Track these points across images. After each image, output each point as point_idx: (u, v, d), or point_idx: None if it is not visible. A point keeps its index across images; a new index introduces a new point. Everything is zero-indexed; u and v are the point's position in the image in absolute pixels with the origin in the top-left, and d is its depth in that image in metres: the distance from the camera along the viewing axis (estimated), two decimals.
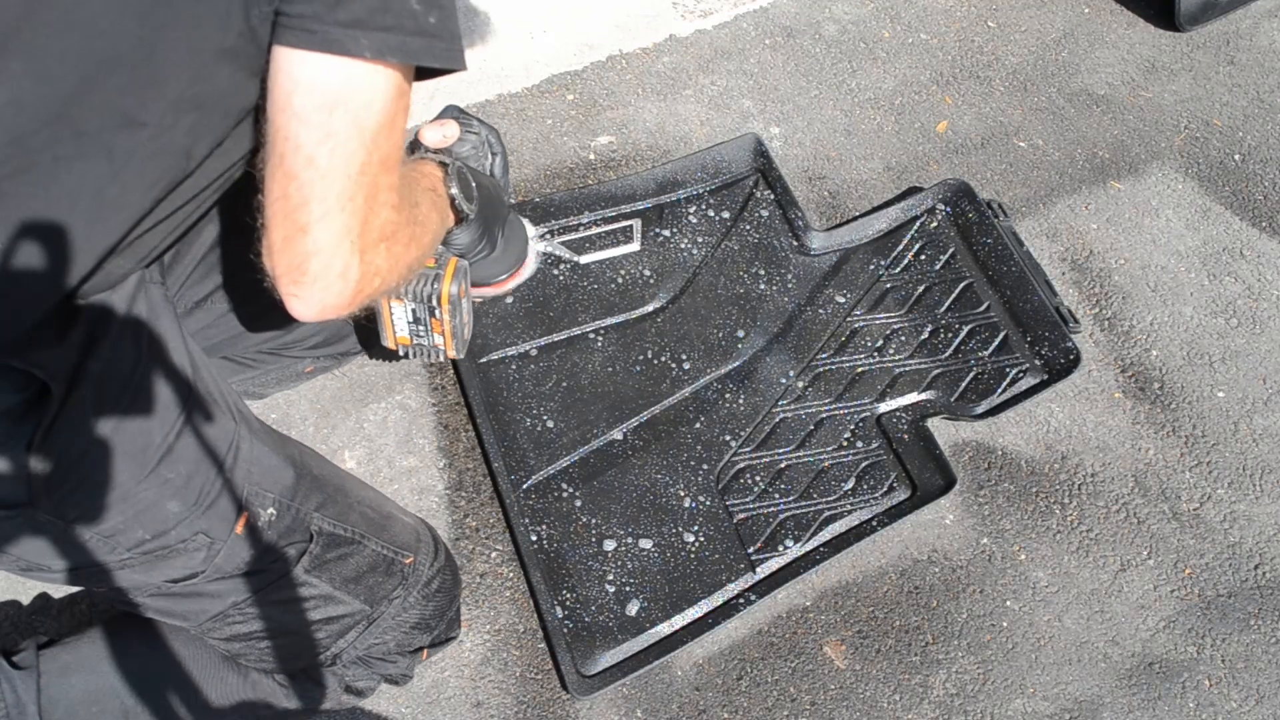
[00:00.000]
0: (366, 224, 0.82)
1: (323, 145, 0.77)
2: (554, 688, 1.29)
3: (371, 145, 0.79)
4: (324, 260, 0.80)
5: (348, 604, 1.10)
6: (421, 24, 0.78)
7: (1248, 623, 1.37)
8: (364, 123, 0.78)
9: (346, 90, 0.77)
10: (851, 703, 1.30)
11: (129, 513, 0.90)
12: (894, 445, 1.43)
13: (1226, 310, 1.62)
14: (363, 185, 0.80)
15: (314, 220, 0.79)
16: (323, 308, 0.83)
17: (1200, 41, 1.95)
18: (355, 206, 0.80)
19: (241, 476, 0.98)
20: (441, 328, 1.13)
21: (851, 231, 1.60)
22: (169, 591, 0.99)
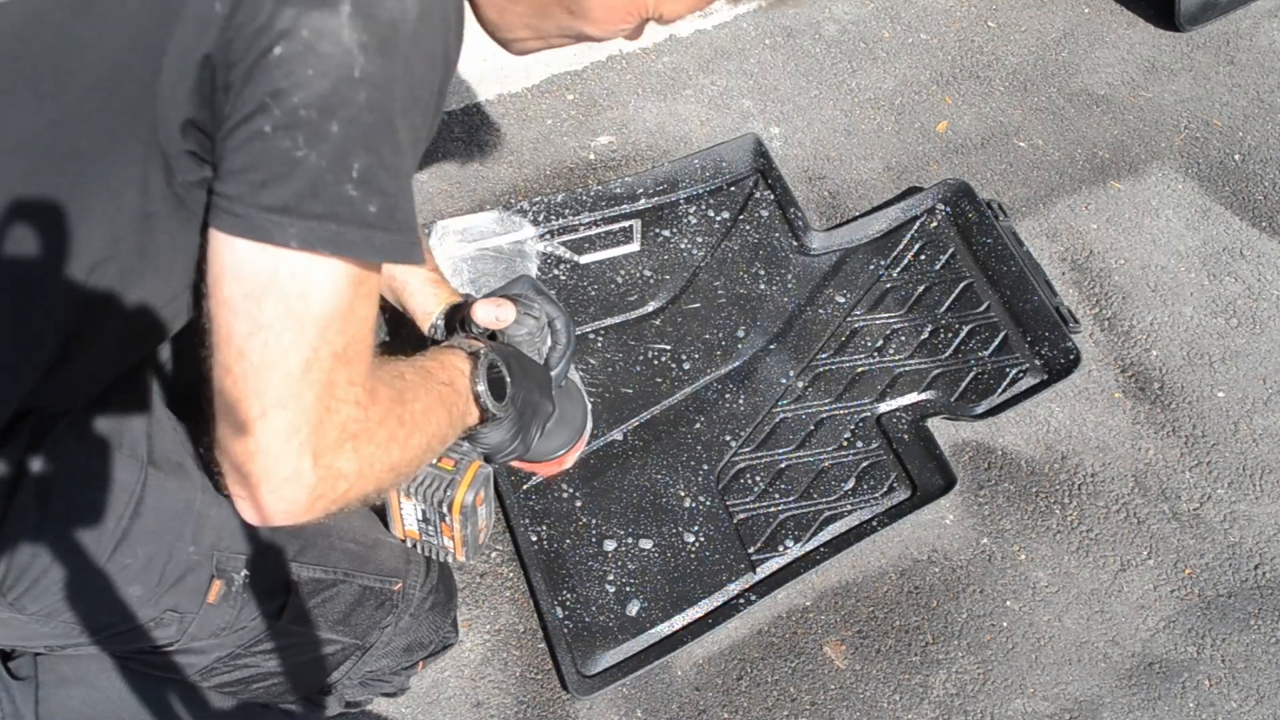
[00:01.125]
0: (320, 423, 0.72)
1: (254, 338, 0.69)
2: (554, 688, 1.29)
3: (317, 339, 0.70)
4: (267, 463, 0.72)
5: (337, 642, 1.06)
6: (359, 213, 0.70)
7: (1248, 623, 1.37)
8: (301, 315, 0.70)
9: (276, 280, 0.69)
10: (851, 703, 1.30)
11: (90, 603, 0.86)
12: (894, 445, 1.43)
13: (1226, 310, 1.62)
14: (310, 382, 0.71)
15: (253, 418, 0.71)
16: (272, 514, 0.74)
17: (1200, 41, 1.95)
18: (302, 405, 0.71)
19: (209, 544, 0.91)
20: (452, 534, 1.05)
21: (851, 231, 1.60)
22: (148, 659, 0.96)
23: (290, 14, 0.66)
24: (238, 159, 0.69)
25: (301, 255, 0.69)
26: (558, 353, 1.15)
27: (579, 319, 1.51)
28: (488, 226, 1.56)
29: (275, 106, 0.67)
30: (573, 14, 0.85)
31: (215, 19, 0.68)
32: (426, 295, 1.17)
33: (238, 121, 0.69)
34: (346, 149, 0.69)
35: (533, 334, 1.11)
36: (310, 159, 0.68)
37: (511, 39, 0.92)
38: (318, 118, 0.67)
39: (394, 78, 0.70)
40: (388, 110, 0.70)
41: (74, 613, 0.86)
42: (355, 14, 0.67)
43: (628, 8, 0.85)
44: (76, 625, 0.88)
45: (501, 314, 1.08)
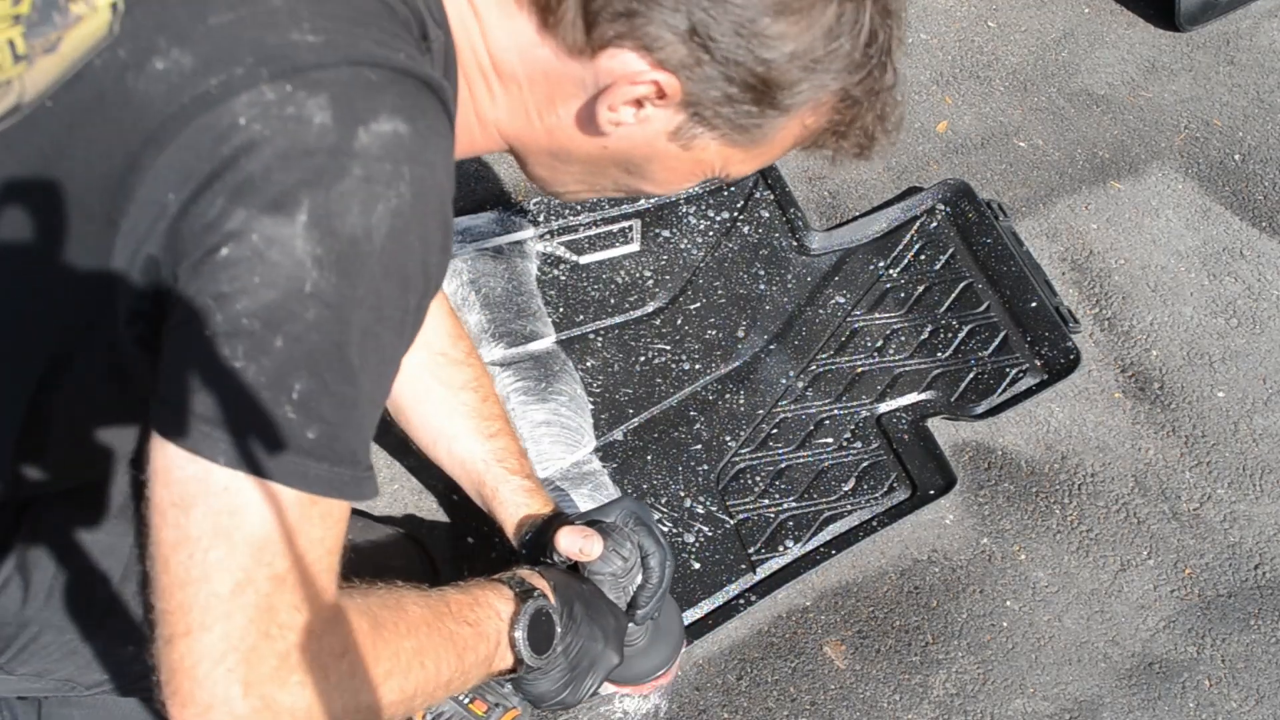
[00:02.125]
0: (254, 651, 0.65)
1: (180, 549, 0.63)
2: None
3: (249, 561, 0.64)
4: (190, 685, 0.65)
5: None
6: (295, 437, 0.63)
7: (1248, 623, 1.37)
8: (231, 533, 0.63)
9: (205, 493, 0.63)
10: (851, 703, 1.30)
11: (80, 663, 0.84)
12: (894, 445, 1.43)
13: (1226, 310, 1.62)
14: (241, 605, 0.64)
15: (177, 634, 0.64)
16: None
17: (1200, 41, 1.95)
18: (228, 629, 0.64)
19: None
20: None
21: (851, 231, 1.60)
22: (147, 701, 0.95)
23: (241, 215, 0.61)
24: (177, 360, 0.64)
25: (232, 473, 0.63)
26: (646, 593, 1.06)
27: (579, 319, 1.51)
28: (488, 227, 1.56)
29: (218, 311, 0.62)
30: (631, 175, 0.81)
31: (166, 211, 0.63)
32: (516, 506, 1.11)
33: (180, 321, 0.63)
34: (288, 368, 0.62)
35: (618, 574, 1.02)
36: (249, 372, 0.62)
37: (563, 191, 0.87)
38: (261, 329, 0.61)
39: (352, 299, 0.63)
40: (339, 333, 0.63)
41: (64, 674, 0.84)
42: (312, 225, 0.61)
43: (691, 169, 0.80)
44: (68, 683, 0.86)
45: (587, 547, 1.00)
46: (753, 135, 0.75)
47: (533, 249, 1.56)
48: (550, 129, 0.77)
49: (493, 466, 1.11)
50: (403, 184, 0.63)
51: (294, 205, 0.61)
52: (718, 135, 0.75)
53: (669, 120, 0.74)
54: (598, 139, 0.76)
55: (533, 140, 0.79)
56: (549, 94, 0.75)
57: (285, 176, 0.61)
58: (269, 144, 0.61)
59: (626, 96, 0.71)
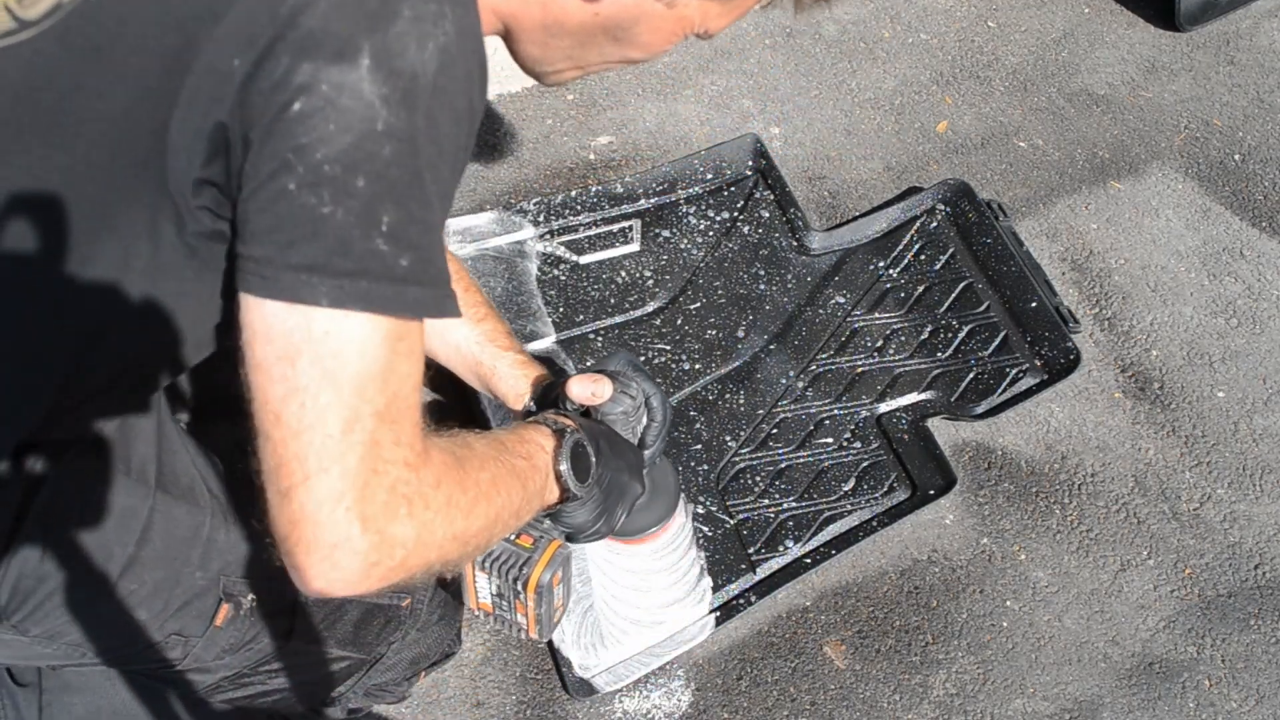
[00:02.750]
0: (367, 486, 0.70)
1: (290, 401, 0.67)
2: (554, 688, 1.29)
3: (356, 398, 0.68)
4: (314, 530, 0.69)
5: (345, 659, 1.05)
6: (390, 267, 0.68)
7: (1248, 623, 1.37)
8: (337, 374, 0.67)
9: (309, 340, 0.67)
10: (851, 703, 1.30)
11: (94, 626, 0.85)
12: (894, 445, 1.43)
13: (1226, 310, 1.62)
14: (352, 444, 0.69)
15: (295, 484, 0.69)
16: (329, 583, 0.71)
17: (1200, 41, 1.95)
18: (344, 468, 0.68)
19: (216, 569, 0.90)
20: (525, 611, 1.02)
21: (851, 231, 1.60)
22: (153, 674, 0.95)
23: (308, 69, 0.65)
24: (262, 220, 0.68)
25: (334, 313, 0.67)
26: (653, 432, 1.11)
27: (579, 319, 1.51)
28: (488, 227, 1.56)
29: (298, 163, 0.66)
30: (619, 41, 0.84)
31: (233, 76, 0.67)
32: (516, 377, 1.14)
33: (261, 181, 0.67)
34: (374, 204, 0.67)
35: (628, 413, 1.07)
36: (337, 215, 0.66)
37: (550, 71, 0.89)
38: (342, 173, 0.66)
39: (418, 130, 0.68)
40: (414, 164, 0.68)
41: (78, 635, 0.85)
42: (375, 67, 0.66)
43: (674, 28, 0.84)
44: (80, 648, 0.87)
45: (598, 390, 1.05)
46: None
47: (533, 249, 1.56)
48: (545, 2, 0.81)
49: (486, 347, 1.15)
50: (447, 22, 0.69)
51: (356, 51, 0.66)
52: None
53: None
54: (591, 5, 0.80)
55: (526, 15, 0.82)
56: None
57: (343, 25, 0.66)
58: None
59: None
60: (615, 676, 1.25)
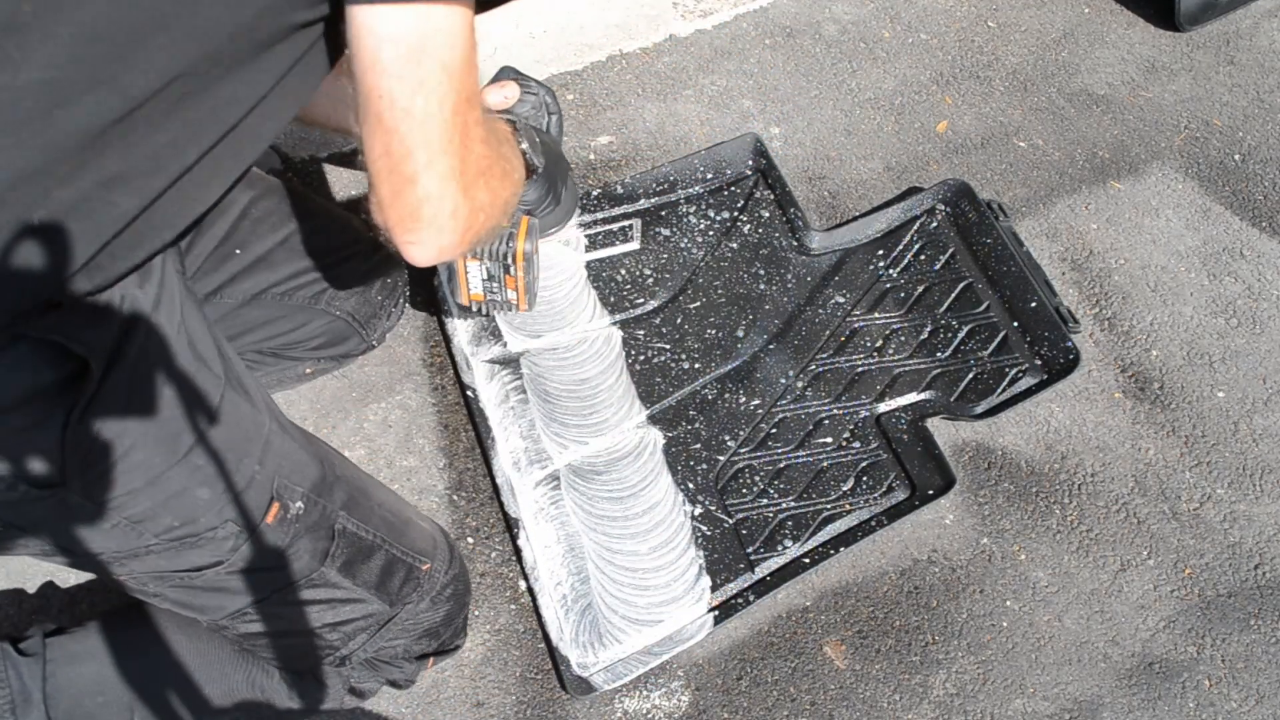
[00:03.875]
0: (464, 162, 0.84)
1: (417, 94, 0.79)
2: (554, 688, 1.29)
3: (459, 84, 0.81)
4: (434, 205, 0.84)
5: (363, 606, 1.08)
6: None
7: (1248, 623, 1.37)
8: (449, 63, 0.79)
9: (429, 35, 0.78)
10: (851, 703, 1.30)
11: (159, 498, 0.89)
12: (893, 445, 1.43)
13: (1226, 310, 1.62)
14: (457, 125, 0.82)
15: (420, 168, 0.82)
16: (439, 249, 0.87)
17: (1200, 41, 1.95)
18: (454, 147, 0.83)
19: (272, 468, 0.97)
20: (515, 284, 1.18)
21: (851, 231, 1.60)
22: (190, 583, 0.97)
23: None
24: None
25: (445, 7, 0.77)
26: (555, 123, 1.25)
27: (579, 319, 1.51)
28: None
29: None
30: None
31: None
32: None
33: None
34: None
35: (535, 109, 1.22)
36: None
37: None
38: None
39: None
40: None
41: (141, 507, 0.88)
42: None
43: None
44: (137, 527, 0.89)
45: (508, 92, 1.19)
46: None
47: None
48: None
49: None
50: None
51: None
52: None
53: None
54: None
55: None
56: None
57: None
58: None
59: None
60: (613, 675, 1.25)
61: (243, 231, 1.23)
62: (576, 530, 1.35)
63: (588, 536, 1.34)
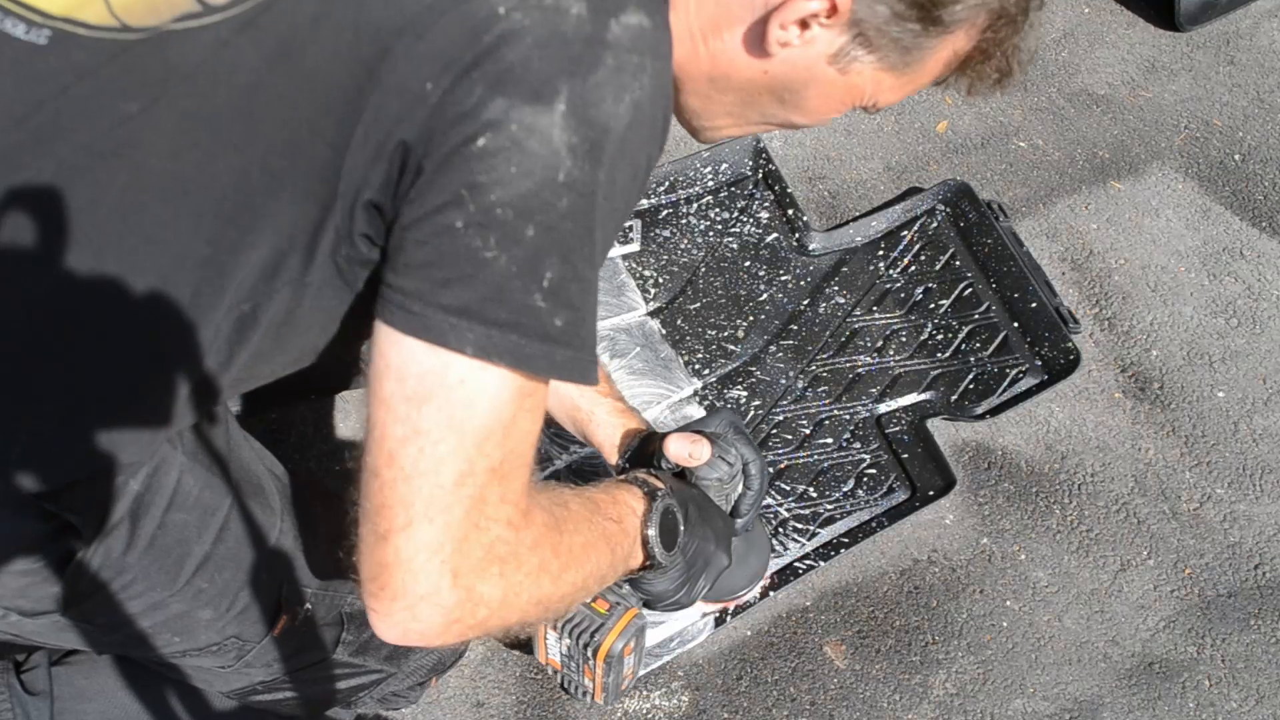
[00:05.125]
0: (465, 542, 0.68)
1: (409, 444, 0.65)
2: (554, 688, 1.29)
3: (474, 452, 0.66)
4: (404, 577, 0.67)
5: (371, 674, 1.05)
6: (544, 325, 0.65)
7: (1248, 623, 1.37)
8: (463, 425, 0.65)
9: (442, 385, 0.64)
10: (851, 703, 1.30)
11: (159, 620, 0.85)
12: (894, 445, 1.43)
13: (1226, 310, 1.62)
14: (460, 497, 0.67)
15: (395, 528, 0.67)
16: (405, 631, 0.70)
17: (1200, 41, 1.95)
18: (447, 520, 0.67)
19: (280, 576, 0.90)
20: (593, 676, 1.01)
21: (851, 231, 1.60)
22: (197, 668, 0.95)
23: (501, 105, 0.62)
24: (420, 253, 0.65)
25: (474, 363, 0.64)
26: (748, 500, 1.08)
27: None
28: None
29: (470, 201, 0.62)
30: (784, 104, 0.81)
31: (425, 99, 0.63)
32: (613, 426, 1.11)
33: (426, 212, 0.64)
34: (540, 256, 0.64)
35: (723, 479, 1.03)
36: (500, 262, 0.63)
37: (708, 126, 0.86)
38: (514, 219, 0.62)
39: (598, 185, 0.64)
40: (588, 220, 0.65)
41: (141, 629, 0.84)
42: (570, 114, 0.62)
43: (844, 97, 0.81)
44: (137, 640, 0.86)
45: (696, 451, 1.02)
46: (909, 58, 0.78)
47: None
48: (714, 54, 0.77)
49: (585, 392, 1.11)
50: (645, 76, 0.66)
51: (553, 94, 0.62)
52: (876, 59, 0.77)
53: (832, 42, 0.75)
54: (760, 62, 0.76)
55: (694, 65, 0.78)
56: (716, 16, 0.75)
57: (544, 66, 0.63)
58: (528, 33, 0.63)
59: (799, 14, 0.71)
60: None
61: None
62: None
63: None
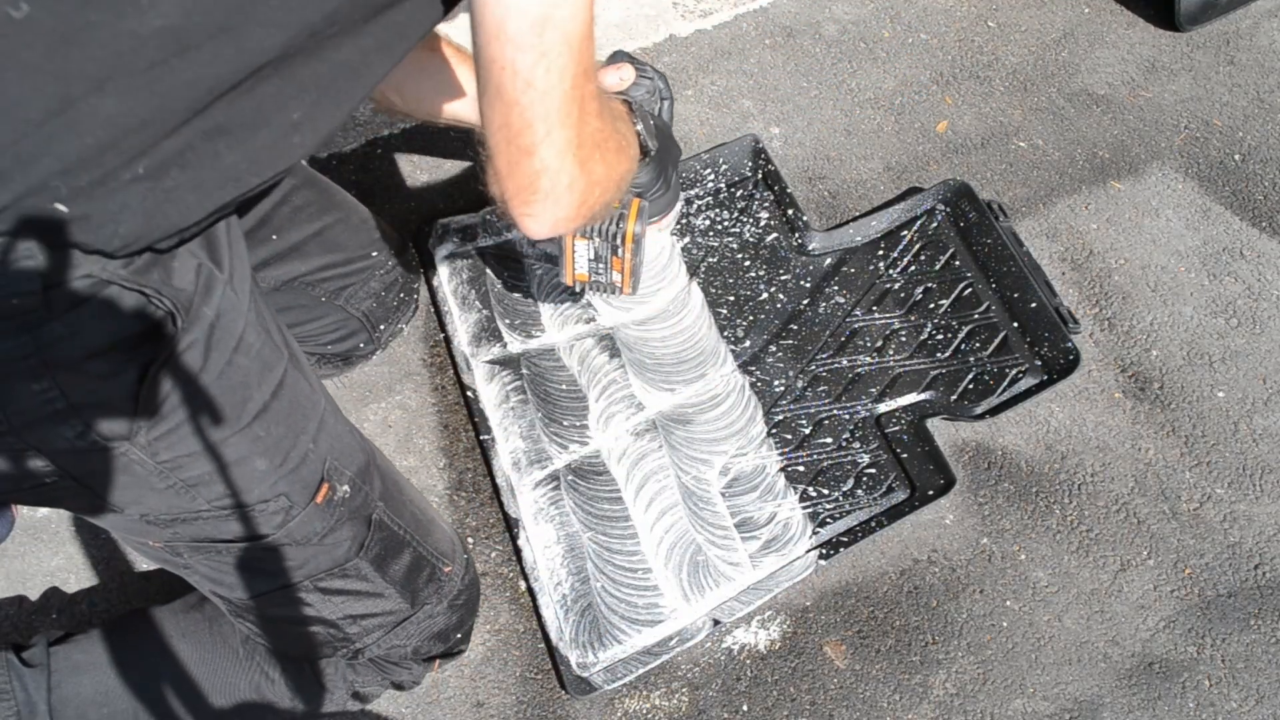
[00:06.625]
0: (581, 135, 0.85)
1: (539, 65, 0.79)
2: (554, 688, 1.29)
3: (579, 56, 0.81)
4: (552, 177, 0.85)
5: (386, 602, 1.09)
6: None
7: (1248, 623, 1.37)
8: (570, 34, 0.80)
9: (554, 6, 0.78)
10: (851, 703, 1.30)
11: (218, 463, 0.89)
12: (893, 445, 1.43)
13: (1226, 310, 1.62)
14: (574, 98, 0.83)
15: (539, 140, 0.83)
16: (554, 222, 0.88)
17: (1200, 41, 1.95)
18: (572, 120, 0.83)
19: (325, 447, 0.98)
20: (621, 265, 1.18)
21: (851, 231, 1.60)
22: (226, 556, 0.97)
23: None
24: None
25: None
26: (668, 109, 1.26)
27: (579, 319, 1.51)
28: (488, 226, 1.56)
29: None
30: None
31: None
32: None
33: None
34: None
35: (649, 94, 1.22)
36: None
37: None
38: None
39: None
40: None
41: (198, 471, 0.88)
42: None
43: None
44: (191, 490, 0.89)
45: (624, 74, 1.19)
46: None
47: (533, 248, 1.55)
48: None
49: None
50: None
51: None
52: None
53: None
54: None
55: None
56: None
57: None
58: None
59: None
60: (613, 675, 1.25)
61: (280, 217, 1.24)
62: (576, 530, 1.35)
63: (587, 536, 1.35)
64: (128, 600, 1.33)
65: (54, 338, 0.76)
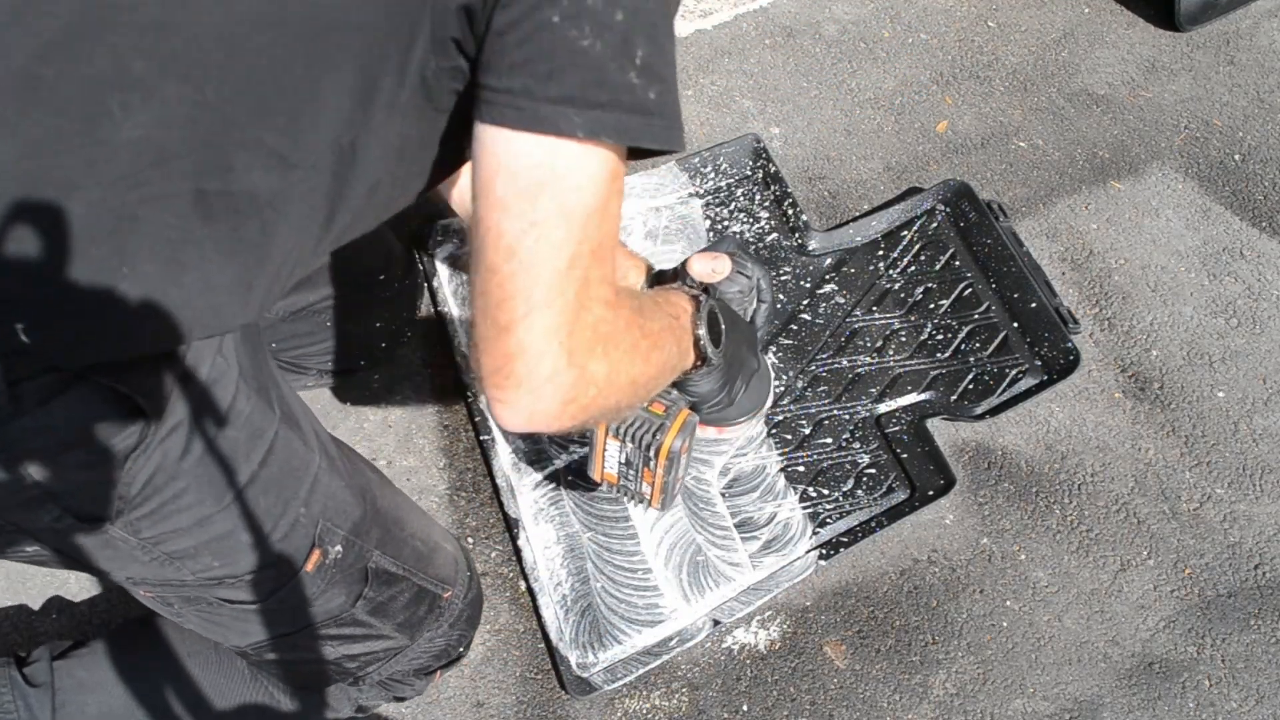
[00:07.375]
0: (577, 322, 0.74)
1: (526, 235, 0.70)
2: (554, 688, 1.29)
3: (581, 234, 0.72)
4: (529, 363, 0.73)
5: (385, 641, 1.07)
6: (640, 100, 0.70)
7: (1248, 623, 1.37)
8: (572, 209, 0.71)
9: (553, 174, 0.70)
10: (851, 703, 1.30)
11: (202, 539, 0.86)
12: (893, 446, 1.43)
13: (1226, 310, 1.62)
14: (572, 279, 0.72)
15: (517, 318, 0.72)
16: (530, 415, 0.76)
17: (1200, 41, 1.95)
18: (563, 303, 0.72)
19: (317, 511, 0.93)
20: (653, 479, 1.05)
21: (851, 231, 1.60)
22: (217, 611, 0.96)
23: None
24: (520, 52, 0.69)
25: (580, 147, 0.70)
26: (762, 313, 1.17)
27: None
28: None
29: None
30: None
31: None
32: (626, 268, 1.18)
33: (523, 12, 0.69)
34: (630, 37, 0.69)
35: (743, 292, 1.12)
36: (595, 48, 0.68)
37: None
38: (603, 6, 0.68)
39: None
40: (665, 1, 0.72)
41: (182, 545, 0.86)
42: None
43: None
44: (175, 563, 0.87)
45: (718, 267, 1.10)
46: None
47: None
48: None
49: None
50: None
51: None
52: None
53: None
54: None
55: None
56: None
57: None
58: None
59: None
60: (613, 675, 1.25)
61: None
62: (576, 530, 1.35)
63: (587, 536, 1.35)
64: (128, 601, 1.33)
65: (24, 432, 0.73)
